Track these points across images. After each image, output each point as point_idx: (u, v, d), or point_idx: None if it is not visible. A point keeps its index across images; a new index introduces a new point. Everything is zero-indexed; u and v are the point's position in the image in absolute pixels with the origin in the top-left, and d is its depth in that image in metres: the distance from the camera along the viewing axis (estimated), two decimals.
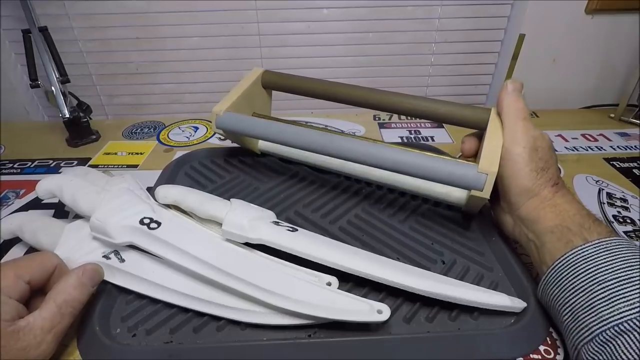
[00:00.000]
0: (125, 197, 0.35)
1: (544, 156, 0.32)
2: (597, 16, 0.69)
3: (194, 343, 0.29)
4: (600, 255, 0.27)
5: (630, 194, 0.47)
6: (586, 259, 0.27)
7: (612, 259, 0.26)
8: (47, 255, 0.30)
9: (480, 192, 0.32)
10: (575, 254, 0.28)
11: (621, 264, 0.26)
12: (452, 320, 0.31)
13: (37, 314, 0.26)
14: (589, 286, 0.26)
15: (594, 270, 0.26)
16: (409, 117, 0.66)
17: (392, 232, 0.40)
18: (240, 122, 0.43)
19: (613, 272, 0.26)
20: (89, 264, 0.31)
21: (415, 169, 0.35)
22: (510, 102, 0.35)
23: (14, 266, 0.27)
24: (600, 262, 0.26)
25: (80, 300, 0.28)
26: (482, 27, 0.74)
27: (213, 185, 0.48)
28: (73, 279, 0.28)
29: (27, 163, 0.55)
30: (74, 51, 0.73)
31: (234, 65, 0.77)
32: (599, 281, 0.26)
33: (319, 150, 0.39)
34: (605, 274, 0.26)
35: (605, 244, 0.27)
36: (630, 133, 0.62)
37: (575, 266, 0.27)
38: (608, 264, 0.26)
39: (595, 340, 0.25)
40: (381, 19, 0.72)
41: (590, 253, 0.27)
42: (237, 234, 0.34)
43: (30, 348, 0.25)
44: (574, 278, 0.27)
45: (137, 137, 0.62)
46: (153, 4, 0.70)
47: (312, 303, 0.29)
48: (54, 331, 0.26)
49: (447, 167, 0.34)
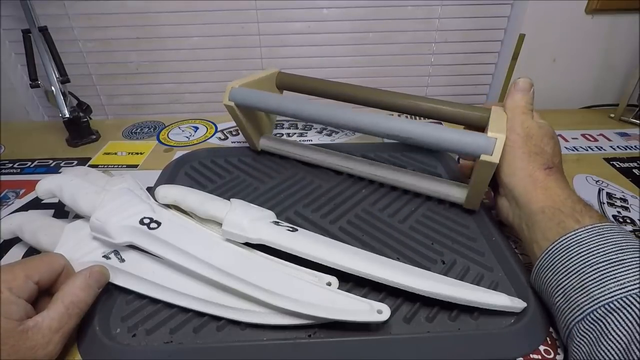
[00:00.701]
0: (125, 197, 0.35)
1: (538, 143, 0.35)
2: (597, 16, 0.69)
3: (194, 343, 0.29)
4: (592, 240, 0.28)
5: (630, 194, 0.47)
6: (579, 243, 0.28)
7: (604, 243, 0.27)
8: (55, 256, 0.31)
9: (490, 156, 0.33)
10: (568, 238, 0.29)
11: (613, 247, 0.27)
12: (452, 320, 0.31)
13: (45, 314, 0.26)
14: (581, 268, 0.27)
15: (586, 253, 0.27)
16: (409, 117, 0.66)
17: (392, 232, 0.40)
18: (252, 95, 0.45)
19: (605, 255, 0.27)
20: (95, 266, 0.31)
21: (427, 138, 0.36)
22: (514, 99, 0.37)
23: (24, 266, 0.28)
24: (592, 246, 0.27)
25: (86, 301, 0.28)
26: (482, 27, 0.74)
27: (213, 185, 0.48)
28: (80, 281, 0.29)
29: (27, 163, 0.55)
30: (74, 51, 0.73)
31: (234, 65, 0.77)
32: (590, 263, 0.27)
33: (329, 121, 0.41)
34: (597, 257, 0.27)
35: (598, 229, 0.28)
36: (630, 133, 0.62)
37: (568, 250, 0.28)
38: (600, 248, 0.27)
39: (586, 319, 0.25)
40: (381, 19, 0.72)
41: (583, 238, 0.28)
42: (237, 234, 0.34)
43: (38, 348, 0.25)
44: (567, 261, 0.28)
45: (137, 137, 0.62)
46: (153, 4, 0.70)
47: (312, 303, 0.29)
48: (61, 331, 0.26)
49: (458, 135, 0.35)
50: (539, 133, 0.35)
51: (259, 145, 0.52)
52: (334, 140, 0.58)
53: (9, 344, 0.24)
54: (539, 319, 0.31)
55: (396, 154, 0.54)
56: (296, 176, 0.49)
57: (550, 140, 0.35)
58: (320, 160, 0.49)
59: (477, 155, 0.34)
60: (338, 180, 0.48)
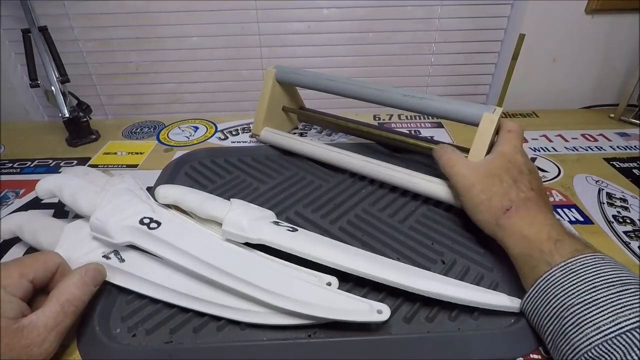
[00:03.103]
0: (125, 197, 0.35)
1: (484, 187, 0.34)
2: (597, 16, 0.69)
3: (194, 343, 0.29)
4: (567, 279, 0.26)
5: (630, 194, 0.47)
6: (554, 285, 0.27)
7: (578, 281, 0.26)
8: (50, 254, 0.30)
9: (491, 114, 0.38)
10: (543, 280, 0.28)
11: (586, 286, 0.26)
12: (452, 320, 0.31)
13: (40, 313, 0.26)
14: (560, 312, 0.26)
15: (562, 295, 0.26)
16: (409, 117, 0.66)
17: (392, 232, 0.40)
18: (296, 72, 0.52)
19: (579, 296, 0.25)
20: (91, 263, 0.31)
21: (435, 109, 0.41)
22: (445, 151, 0.39)
23: (18, 265, 0.28)
24: (567, 286, 0.26)
25: (82, 299, 0.28)
26: (482, 27, 0.74)
27: (213, 185, 0.48)
28: (76, 278, 0.29)
29: (26, 163, 0.55)
30: (74, 51, 0.73)
31: (234, 65, 0.77)
32: (567, 306, 0.26)
33: (336, 89, 0.48)
34: (572, 298, 0.26)
35: (570, 266, 0.27)
36: (630, 133, 0.62)
37: (545, 293, 0.27)
38: (574, 287, 0.26)
39: None
40: (381, 19, 0.72)
41: (557, 277, 0.27)
42: (237, 234, 0.34)
43: (33, 346, 0.25)
44: (547, 305, 0.27)
45: (137, 137, 0.62)
46: (153, 4, 0.70)
47: (312, 303, 0.29)
48: (56, 329, 0.26)
49: (461, 104, 0.41)
50: (477, 176, 0.35)
51: (261, 131, 0.54)
52: (334, 140, 0.58)
53: (3, 342, 0.24)
54: None
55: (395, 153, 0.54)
56: (296, 176, 0.49)
57: (492, 178, 0.34)
58: (318, 153, 0.50)
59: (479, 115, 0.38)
60: (338, 180, 0.48)
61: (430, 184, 0.42)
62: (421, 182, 0.42)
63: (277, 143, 0.53)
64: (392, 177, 0.44)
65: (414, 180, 0.43)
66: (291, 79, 0.52)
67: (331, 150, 0.49)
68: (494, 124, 0.38)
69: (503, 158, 0.35)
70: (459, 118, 0.41)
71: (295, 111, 0.58)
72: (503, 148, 0.36)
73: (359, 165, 0.46)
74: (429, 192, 0.42)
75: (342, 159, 0.48)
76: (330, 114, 0.56)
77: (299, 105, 0.60)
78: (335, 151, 0.48)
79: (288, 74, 0.52)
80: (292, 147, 0.52)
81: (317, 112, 0.58)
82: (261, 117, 0.54)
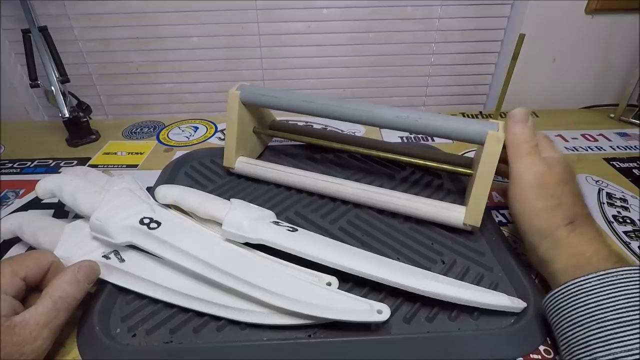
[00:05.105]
0: (125, 197, 0.35)
1: (554, 193, 0.31)
2: (597, 16, 0.69)
3: (194, 343, 0.29)
4: (603, 290, 0.25)
5: (630, 194, 0.47)
6: (587, 292, 0.25)
7: (616, 295, 0.24)
8: (42, 252, 0.31)
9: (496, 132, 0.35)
10: (575, 284, 0.26)
11: (624, 302, 0.24)
12: (452, 320, 0.31)
13: (32, 310, 0.26)
14: (586, 321, 0.24)
15: (594, 305, 0.24)
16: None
17: (392, 232, 0.40)
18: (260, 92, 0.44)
19: (614, 311, 0.24)
20: (84, 260, 0.31)
21: (433, 130, 0.38)
22: (514, 134, 0.34)
23: (10, 263, 0.28)
24: (601, 297, 0.24)
25: (75, 296, 0.28)
26: (482, 27, 0.74)
27: (213, 185, 0.48)
28: (68, 276, 0.29)
29: (26, 163, 0.55)
30: (74, 51, 0.73)
31: (234, 65, 0.77)
32: (597, 319, 0.24)
33: (330, 113, 0.41)
34: (605, 312, 0.24)
35: (611, 277, 0.25)
36: (630, 133, 0.62)
37: (574, 298, 0.26)
38: (610, 301, 0.24)
39: None
40: (381, 19, 0.72)
41: (593, 286, 0.25)
42: (237, 234, 0.34)
43: (26, 343, 0.25)
44: (573, 311, 0.25)
45: (137, 137, 0.62)
46: (153, 4, 0.70)
47: (312, 303, 0.29)
48: (49, 327, 0.26)
49: (460, 122, 0.38)
50: (552, 178, 0.31)
51: (235, 164, 0.47)
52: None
53: None
54: (539, 319, 0.30)
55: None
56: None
57: (565, 185, 0.32)
58: (296, 180, 0.45)
59: (484, 134, 0.35)
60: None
61: (434, 209, 0.39)
62: (423, 207, 0.39)
63: (257, 175, 0.47)
64: (390, 204, 0.41)
65: (416, 205, 0.40)
66: (259, 100, 0.44)
67: (317, 179, 0.44)
68: (500, 143, 0.34)
69: (566, 167, 0.33)
70: (459, 138, 0.38)
71: (267, 133, 0.51)
72: (554, 154, 0.33)
73: (351, 193, 0.42)
74: (430, 216, 0.39)
75: (330, 187, 0.43)
76: (309, 128, 0.48)
77: (271, 120, 0.53)
78: (320, 179, 0.44)
79: (255, 95, 0.44)
80: (276, 179, 0.46)
81: (292, 129, 0.51)
82: (232, 147, 0.46)
